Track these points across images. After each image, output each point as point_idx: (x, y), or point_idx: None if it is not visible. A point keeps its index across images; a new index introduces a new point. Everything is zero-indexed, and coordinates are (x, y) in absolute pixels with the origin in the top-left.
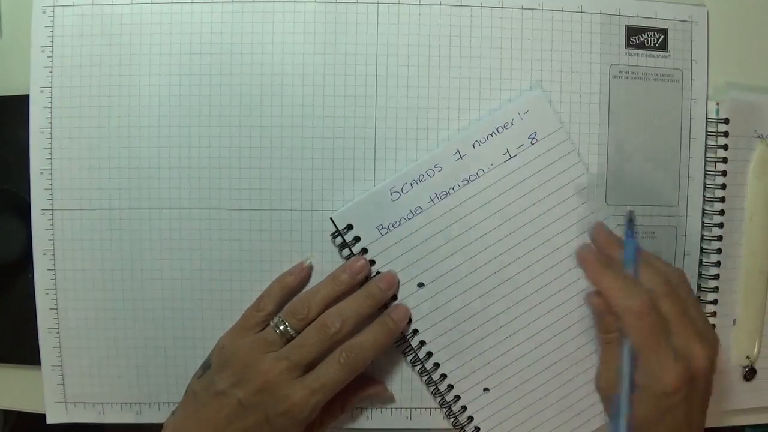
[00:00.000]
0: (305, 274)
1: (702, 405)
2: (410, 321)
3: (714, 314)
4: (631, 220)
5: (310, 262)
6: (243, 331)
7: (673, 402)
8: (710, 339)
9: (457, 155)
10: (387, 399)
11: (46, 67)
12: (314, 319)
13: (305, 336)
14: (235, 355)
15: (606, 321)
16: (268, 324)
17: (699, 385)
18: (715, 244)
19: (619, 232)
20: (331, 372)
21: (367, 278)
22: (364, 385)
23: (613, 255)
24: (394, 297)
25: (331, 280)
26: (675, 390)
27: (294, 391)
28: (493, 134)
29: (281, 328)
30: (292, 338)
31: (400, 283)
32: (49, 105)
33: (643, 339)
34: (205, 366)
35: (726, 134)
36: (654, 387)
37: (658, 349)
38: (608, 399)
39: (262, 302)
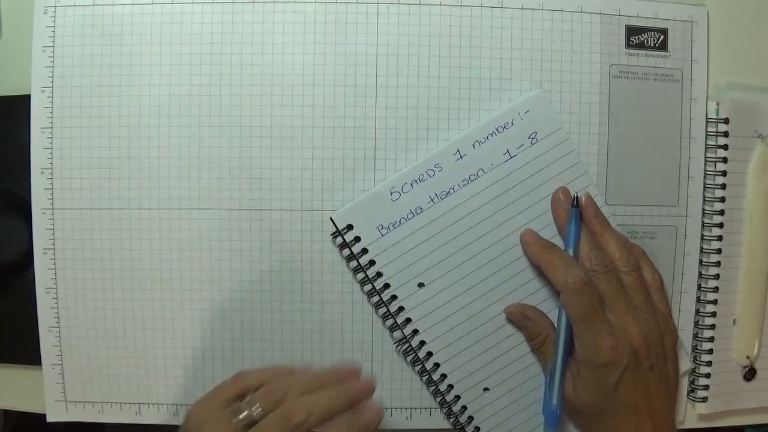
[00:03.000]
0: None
1: (661, 380)
2: (410, 321)
3: (714, 314)
4: (575, 204)
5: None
6: (211, 405)
7: (617, 375)
8: (647, 319)
9: (457, 155)
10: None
11: (47, 67)
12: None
13: (265, 425)
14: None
15: (529, 327)
16: (238, 401)
17: (642, 360)
18: (715, 244)
19: (622, 230)
20: None
21: (371, 282)
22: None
23: (562, 226)
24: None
25: (322, 378)
26: (610, 361)
27: None
28: (493, 134)
29: (245, 413)
30: (254, 423)
31: (400, 284)
32: (50, 105)
33: (579, 311)
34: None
35: (726, 134)
36: (591, 358)
37: (594, 321)
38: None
39: (240, 378)
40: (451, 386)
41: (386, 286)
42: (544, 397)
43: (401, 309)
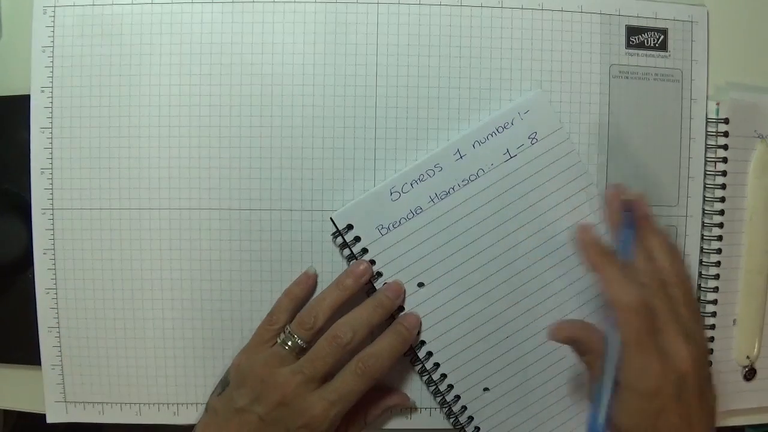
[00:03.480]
0: (311, 282)
1: (702, 408)
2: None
3: (714, 314)
4: (629, 210)
5: (314, 271)
6: (257, 347)
7: (661, 404)
8: (698, 339)
9: (457, 155)
10: (409, 408)
11: (46, 67)
12: (322, 327)
13: (318, 348)
14: (251, 371)
15: (579, 347)
16: (277, 340)
17: (689, 386)
18: (715, 244)
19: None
20: (348, 383)
21: (370, 281)
22: (386, 395)
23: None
24: (401, 308)
25: (335, 286)
26: (656, 390)
27: (313, 404)
28: (493, 134)
29: (290, 343)
30: (303, 350)
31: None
32: (50, 105)
33: (631, 336)
34: (224, 383)
35: (726, 134)
36: (637, 386)
37: (644, 348)
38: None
39: (273, 316)
40: (451, 386)
41: None
42: (591, 414)
43: (401, 309)
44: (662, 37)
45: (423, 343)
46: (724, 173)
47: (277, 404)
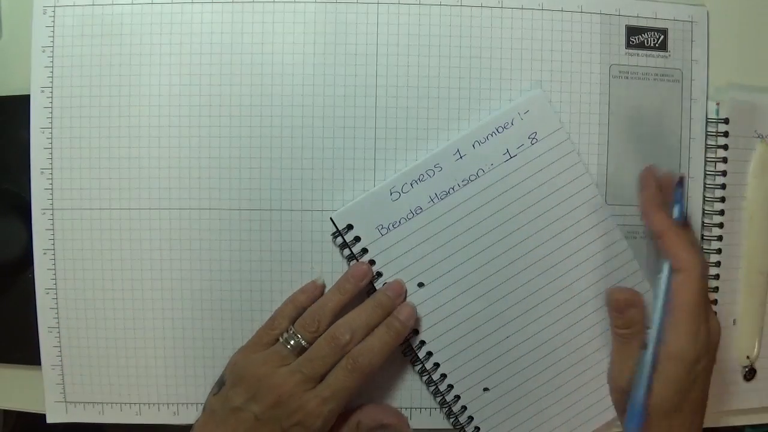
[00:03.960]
0: (318, 293)
1: (707, 389)
2: None
3: (714, 314)
4: (681, 183)
5: (322, 281)
6: (254, 347)
7: (696, 374)
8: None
9: (457, 155)
10: (404, 430)
11: (46, 67)
12: (326, 330)
13: (316, 349)
14: (248, 370)
15: (627, 316)
16: (279, 339)
17: (712, 359)
18: (715, 244)
19: (621, 230)
20: (340, 379)
21: (372, 282)
22: (385, 411)
23: (657, 225)
24: None
25: (336, 290)
26: (697, 358)
27: (307, 401)
28: (493, 134)
29: (292, 342)
30: (304, 350)
31: None
32: (50, 105)
33: (696, 297)
34: (220, 383)
35: (726, 134)
36: (683, 351)
37: (699, 314)
38: (619, 391)
39: (275, 321)
40: (451, 386)
41: None
42: (634, 390)
43: None
44: (662, 37)
45: (423, 343)
46: (724, 173)
47: (273, 404)
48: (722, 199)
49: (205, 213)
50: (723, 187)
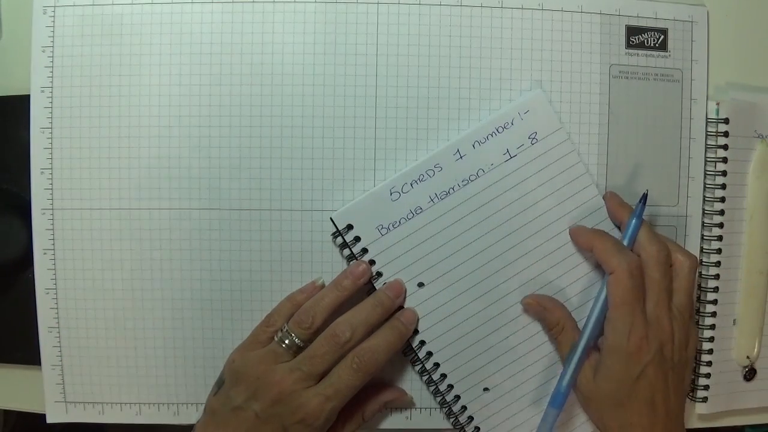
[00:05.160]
0: (316, 293)
1: (677, 389)
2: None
3: (714, 314)
4: (643, 201)
5: (322, 282)
6: (251, 345)
7: (641, 367)
8: (686, 320)
9: (457, 155)
10: (407, 404)
11: (46, 67)
12: (320, 327)
13: (316, 346)
14: (246, 369)
15: (546, 317)
16: (275, 338)
17: (667, 358)
18: (715, 244)
19: (617, 234)
20: (344, 378)
21: (370, 281)
22: (383, 391)
23: (623, 219)
24: (401, 307)
25: (334, 286)
26: (637, 350)
27: (308, 399)
28: (493, 134)
29: (287, 341)
30: (299, 349)
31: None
32: (50, 105)
33: (623, 295)
34: (219, 382)
35: (726, 134)
36: (620, 344)
37: (633, 308)
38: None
39: (271, 319)
40: (451, 386)
41: None
42: (561, 376)
43: (401, 308)
44: (662, 37)
45: (423, 343)
46: (724, 173)
47: (273, 401)
48: (722, 199)
49: (205, 213)
50: (723, 187)
